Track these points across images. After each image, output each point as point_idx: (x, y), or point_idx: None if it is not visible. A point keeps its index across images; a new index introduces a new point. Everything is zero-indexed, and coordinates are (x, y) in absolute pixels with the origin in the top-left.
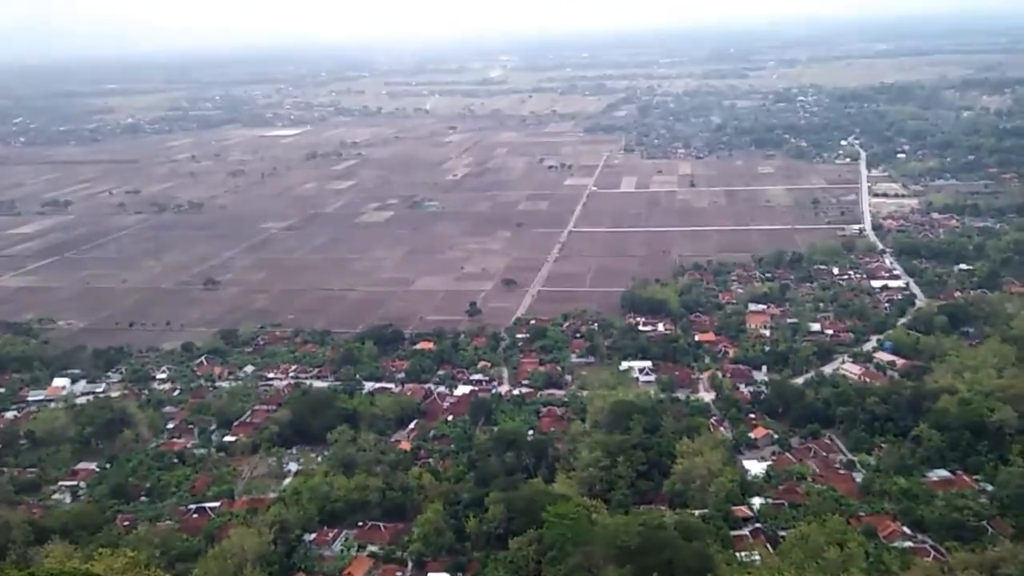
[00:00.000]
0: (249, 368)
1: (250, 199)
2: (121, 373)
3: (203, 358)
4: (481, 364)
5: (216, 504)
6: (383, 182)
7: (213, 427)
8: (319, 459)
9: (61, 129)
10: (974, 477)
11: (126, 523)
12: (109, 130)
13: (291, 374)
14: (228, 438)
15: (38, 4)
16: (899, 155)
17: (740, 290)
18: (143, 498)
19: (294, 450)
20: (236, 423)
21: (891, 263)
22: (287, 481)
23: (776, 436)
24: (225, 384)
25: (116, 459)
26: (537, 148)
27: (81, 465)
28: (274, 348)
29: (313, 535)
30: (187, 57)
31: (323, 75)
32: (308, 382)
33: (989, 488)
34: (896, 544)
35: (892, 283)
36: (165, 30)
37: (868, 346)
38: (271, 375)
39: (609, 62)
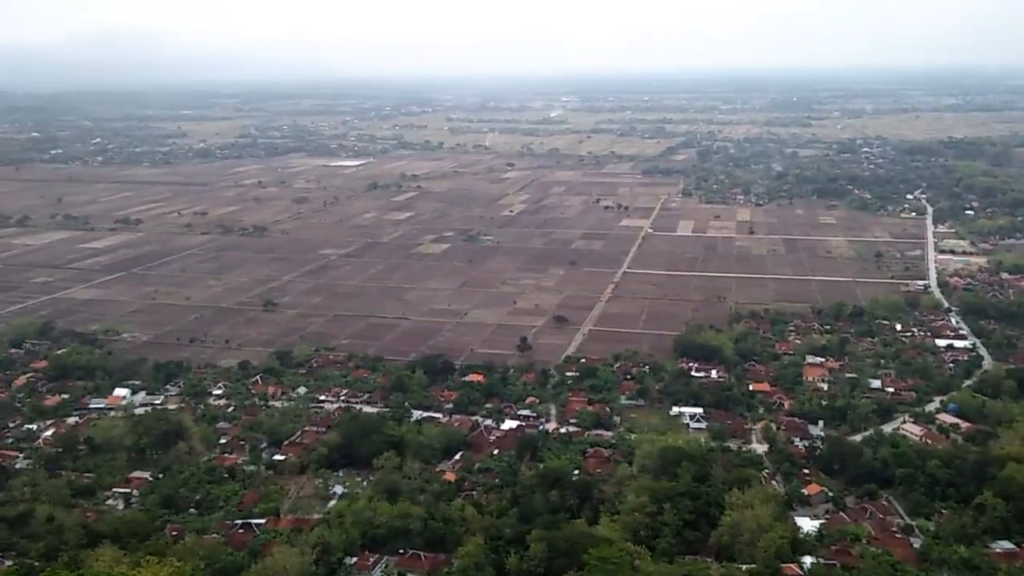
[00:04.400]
0: (302, 389)
1: (311, 225)
2: (179, 387)
3: (258, 377)
4: (529, 400)
5: (262, 521)
6: (440, 215)
7: (264, 445)
8: (364, 484)
9: (136, 151)
10: None
11: (174, 533)
12: (181, 153)
13: (342, 398)
14: (278, 457)
15: (133, 38)
16: (967, 211)
17: (798, 341)
18: (192, 510)
19: (340, 473)
20: (286, 442)
21: (957, 322)
22: (332, 503)
23: (831, 494)
24: (278, 404)
25: (169, 470)
26: (594, 188)
27: (135, 473)
28: (327, 371)
29: (354, 559)
30: (259, 87)
31: (387, 109)
32: (358, 407)
33: None
34: None
35: (957, 343)
36: (242, 62)
37: (931, 407)
38: (323, 397)
39: (669, 106)
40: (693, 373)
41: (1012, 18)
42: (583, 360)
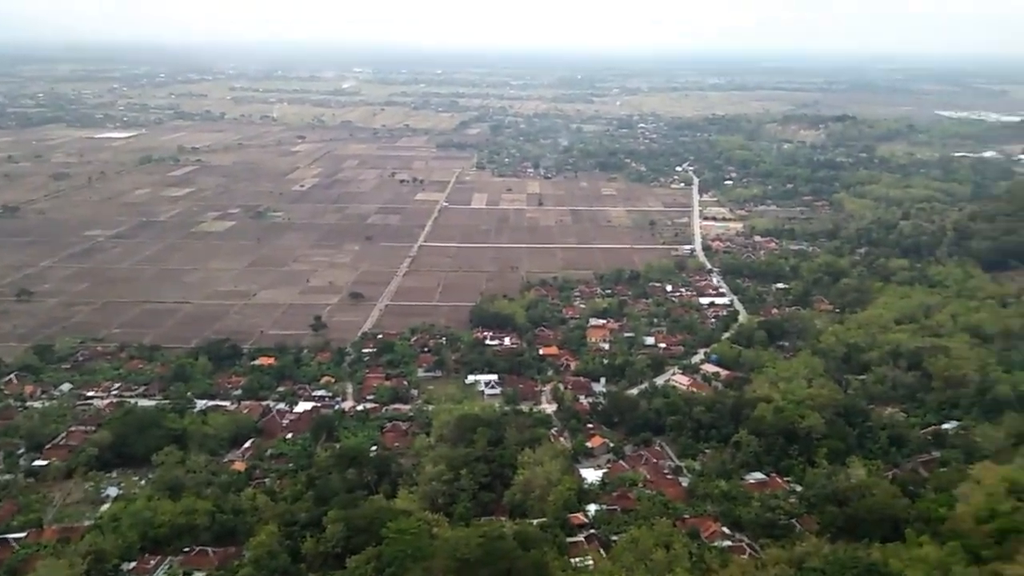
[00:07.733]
0: (66, 386)
1: (74, 204)
2: None
3: (12, 375)
4: (324, 380)
5: (22, 535)
6: (224, 190)
7: (21, 450)
8: (142, 483)
9: None
10: (786, 479)
11: None
12: None
13: (113, 392)
14: (39, 462)
15: None
16: (727, 182)
17: (582, 306)
18: None
19: (114, 474)
20: (48, 446)
21: (718, 282)
22: (105, 507)
23: (612, 445)
24: (37, 404)
25: None
26: (389, 162)
27: None
28: (95, 364)
29: (133, 564)
30: (4, 50)
31: (161, 76)
32: (133, 401)
33: (798, 489)
34: (717, 544)
35: (718, 300)
36: None
37: (696, 359)
38: (91, 394)
39: (462, 80)
40: (488, 342)
41: (770, 11)
42: (380, 336)
